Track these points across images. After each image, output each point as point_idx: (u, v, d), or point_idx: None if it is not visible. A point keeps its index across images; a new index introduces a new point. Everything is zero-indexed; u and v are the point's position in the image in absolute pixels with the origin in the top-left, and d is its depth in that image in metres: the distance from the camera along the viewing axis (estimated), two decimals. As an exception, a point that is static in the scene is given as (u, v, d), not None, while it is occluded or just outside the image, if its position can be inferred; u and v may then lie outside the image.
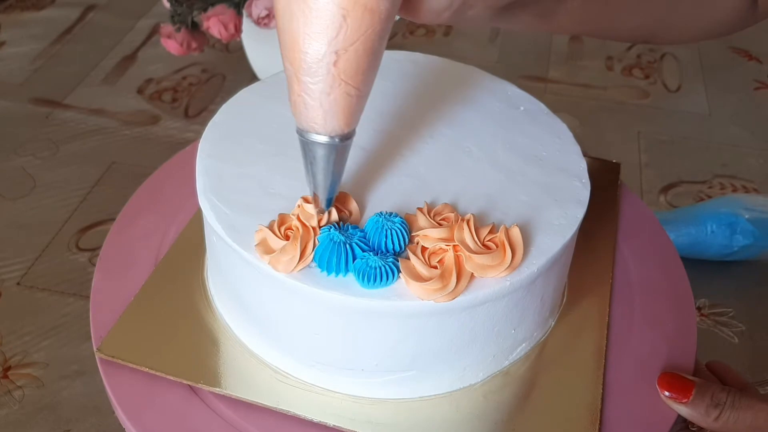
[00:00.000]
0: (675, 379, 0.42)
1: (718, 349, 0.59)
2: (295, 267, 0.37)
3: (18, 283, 0.62)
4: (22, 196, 0.71)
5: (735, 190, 0.76)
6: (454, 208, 0.40)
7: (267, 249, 0.37)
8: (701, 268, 0.64)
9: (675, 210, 0.69)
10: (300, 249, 0.37)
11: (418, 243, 0.38)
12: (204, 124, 0.46)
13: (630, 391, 0.43)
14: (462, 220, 0.38)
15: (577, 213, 0.42)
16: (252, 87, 0.50)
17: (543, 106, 0.50)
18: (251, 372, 0.42)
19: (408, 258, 0.37)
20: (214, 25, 0.72)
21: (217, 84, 0.88)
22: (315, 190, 0.37)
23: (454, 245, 0.37)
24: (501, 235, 0.38)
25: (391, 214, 0.38)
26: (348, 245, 0.37)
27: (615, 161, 0.59)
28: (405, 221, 0.38)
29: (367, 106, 0.39)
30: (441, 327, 0.38)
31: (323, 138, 0.34)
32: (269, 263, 0.37)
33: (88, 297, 0.47)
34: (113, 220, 0.52)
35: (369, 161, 0.44)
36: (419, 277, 0.36)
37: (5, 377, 0.55)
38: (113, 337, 0.43)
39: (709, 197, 0.74)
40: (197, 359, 0.43)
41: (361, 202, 0.41)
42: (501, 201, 0.42)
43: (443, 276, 0.36)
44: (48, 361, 0.56)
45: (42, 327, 0.58)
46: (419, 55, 0.54)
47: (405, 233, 0.38)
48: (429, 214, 0.39)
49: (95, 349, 0.43)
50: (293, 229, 0.38)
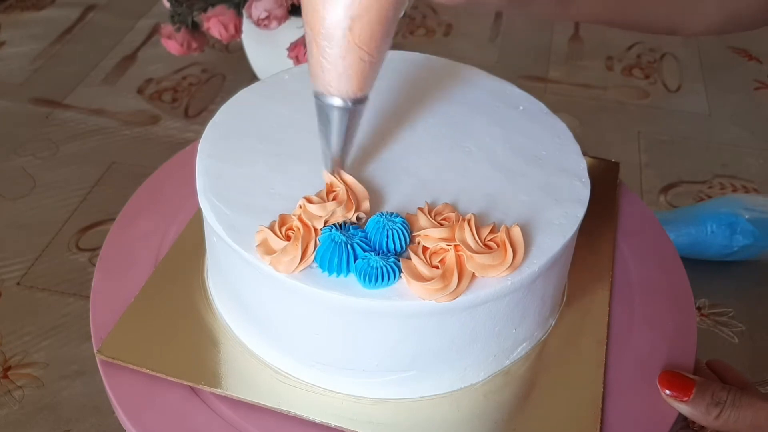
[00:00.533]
0: (676, 378, 0.42)
1: (718, 349, 0.59)
2: (297, 267, 0.37)
3: (18, 283, 0.62)
4: (22, 196, 0.71)
5: (735, 190, 0.76)
6: (454, 208, 0.40)
7: (268, 249, 0.37)
8: (701, 268, 0.64)
9: (675, 210, 0.69)
10: (301, 249, 0.37)
11: (419, 243, 0.38)
12: (204, 124, 0.46)
13: (630, 391, 0.43)
14: (463, 219, 0.38)
15: (578, 212, 0.42)
16: (252, 87, 0.50)
17: (543, 105, 0.50)
18: (252, 372, 0.42)
19: (409, 258, 0.37)
20: (214, 26, 0.72)
21: (217, 84, 0.88)
22: (328, 153, 0.40)
23: (455, 245, 0.37)
24: (502, 235, 0.38)
25: (392, 214, 0.38)
26: (349, 245, 0.37)
27: (614, 161, 0.59)
28: (406, 221, 0.38)
29: (367, 106, 0.39)
30: (442, 327, 0.38)
31: (338, 101, 0.37)
32: (270, 264, 0.37)
33: (88, 297, 0.47)
34: (113, 220, 0.52)
35: (369, 161, 0.44)
36: (420, 277, 0.36)
37: (5, 377, 0.55)
38: (113, 339, 0.43)
39: (709, 197, 0.74)
40: (197, 360, 0.43)
41: (362, 202, 0.41)
42: (501, 201, 0.42)
43: (444, 276, 0.36)
44: (48, 361, 0.56)
45: (42, 327, 0.58)
46: (419, 55, 0.54)
47: (406, 233, 0.38)
48: (430, 214, 0.39)
49: (95, 351, 0.43)
50: (294, 230, 0.38)
